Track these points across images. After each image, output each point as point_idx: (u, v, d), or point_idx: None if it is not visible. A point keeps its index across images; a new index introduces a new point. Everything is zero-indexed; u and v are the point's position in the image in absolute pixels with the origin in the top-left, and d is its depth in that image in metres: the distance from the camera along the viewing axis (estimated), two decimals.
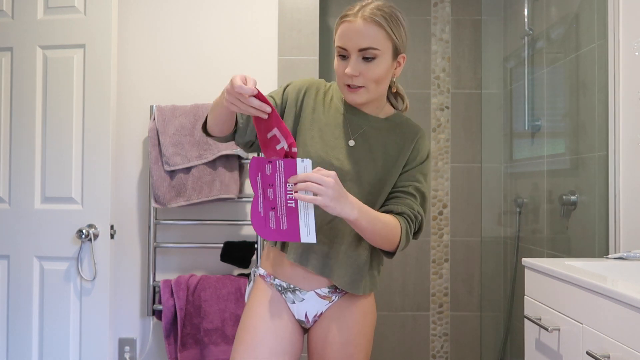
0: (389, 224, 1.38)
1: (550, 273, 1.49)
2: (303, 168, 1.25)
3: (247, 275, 2.40)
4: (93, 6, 2.14)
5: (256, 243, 2.38)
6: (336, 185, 1.25)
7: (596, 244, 2.07)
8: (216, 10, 2.50)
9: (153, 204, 2.35)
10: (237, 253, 2.35)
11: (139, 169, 2.48)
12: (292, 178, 1.24)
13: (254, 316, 1.46)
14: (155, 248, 2.41)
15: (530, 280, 1.63)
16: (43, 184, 2.17)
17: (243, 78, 1.22)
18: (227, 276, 2.36)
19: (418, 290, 3.21)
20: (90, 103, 2.13)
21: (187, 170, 2.33)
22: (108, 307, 2.11)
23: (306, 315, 1.48)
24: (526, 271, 1.66)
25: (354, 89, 1.41)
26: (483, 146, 3.17)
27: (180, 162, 2.32)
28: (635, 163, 1.88)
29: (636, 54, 1.87)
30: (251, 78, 1.23)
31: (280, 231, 1.29)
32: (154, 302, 2.39)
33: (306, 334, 1.54)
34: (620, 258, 1.64)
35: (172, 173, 2.34)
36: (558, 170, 2.42)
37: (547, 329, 1.44)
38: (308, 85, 1.52)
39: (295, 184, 1.24)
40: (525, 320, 1.62)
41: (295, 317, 1.49)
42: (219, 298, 2.31)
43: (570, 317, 1.38)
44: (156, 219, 2.41)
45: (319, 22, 2.50)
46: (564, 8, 2.39)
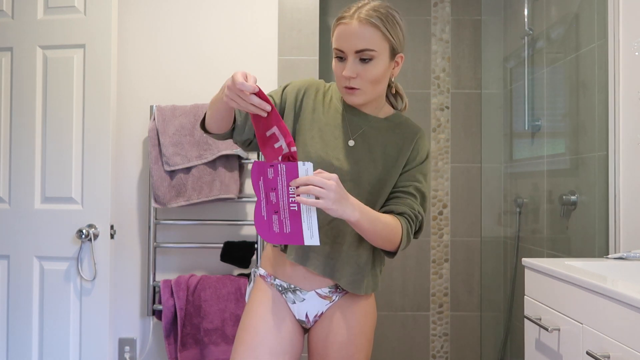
0: (390, 224, 1.38)
1: (550, 273, 1.49)
2: (305, 171, 1.25)
3: (247, 275, 2.40)
4: (93, 6, 2.14)
5: (256, 243, 2.38)
6: (338, 187, 1.25)
7: (596, 244, 2.07)
8: (216, 10, 2.50)
9: (153, 204, 2.35)
10: (237, 253, 2.35)
11: (139, 169, 2.48)
12: (294, 181, 1.24)
13: (254, 316, 1.46)
14: (155, 248, 2.41)
15: (530, 280, 1.63)
16: (43, 184, 2.17)
17: (244, 75, 1.22)
18: (227, 276, 2.37)
19: (418, 290, 3.21)
20: (90, 103, 2.13)
21: (187, 170, 2.33)
22: (108, 307, 2.11)
23: (307, 315, 1.48)
24: (526, 271, 1.66)
25: (352, 91, 1.41)
26: (483, 146, 3.17)
27: (180, 162, 2.32)
28: (635, 163, 1.88)
29: (636, 54, 1.87)
30: (252, 75, 1.23)
31: (283, 234, 1.30)
32: (154, 302, 2.39)
33: (306, 334, 1.54)
34: (620, 258, 1.64)
35: (172, 173, 2.34)
36: (558, 170, 2.42)
37: (547, 329, 1.44)
38: (307, 85, 1.52)
39: (297, 187, 1.24)
40: (525, 320, 1.62)
41: (295, 317, 1.49)
42: (219, 298, 2.31)
43: (570, 317, 1.38)
44: (156, 219, 2.42)
45: (319, 22, 2.50)
46: (564, 8, 2.39)
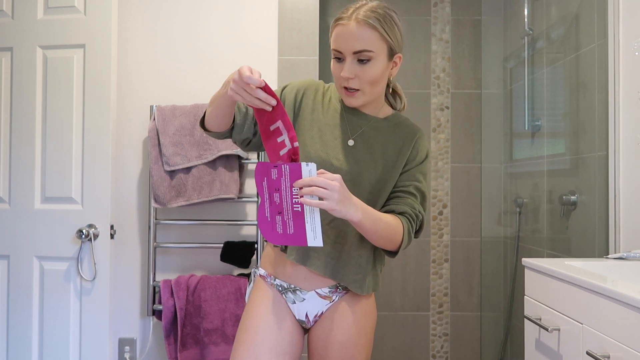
0: (391, 224, 1.38)
1: (550, 273, 1.49)
2: (308, 172, 1.25)
3: (247, 275, 2.40)
4: (93, 6, 2.14)
5: (256, 243, 2.38)
6: (341, 188, 1.25)
7: (596, 244, 2.07)
8: (216, 10, 2.50)
9: (153, 204, 2.35)
10: (237, 253, 2.35)
11: (139, 169, 2.48)
12: (297, 182, 1.24)
13: (254, 316, 1.46)
14: (155, 248, 2.41)
15: (530, 280, 1.63)
16: (43, 184, 2.17)
17: (250, 69, 1.23)
18: (227, 276, 2.36)
19: (418, 290, 3.21)
20: (90, 103, 2.13)
21: (187, 170, 2.33)
22: (108, 307, 2.11)
23: (307, 315, 1.48)
24: (526, 271, 1.66)
25: (351, 92, 1.41)
26: (483, 146, 3.17)
27: (180, 162, 2.32)
28: (635, 163, 1.88)
29: (636, 54, 1.87)
30: (257, 70, 1.24)
31: (287, 235, 1.30)
32: (154, 302, 2.39)
33: (306, 334, 1.54)
34: (620, 258, 1.64)
35: (172, 173, 2.34)
36: (558, 170, 2.42)
37: (547, 329, 1.44)
38: (306, 86, 1.53)
39: (300, 189, 1.24)
40: (525, 320, 1.62)
41: (295, 317, 1.49)
42: (219, 298, 2.31)
43: (570, 317, 1.38)
44: (156, 219, 2.42)
45: (319, 22, 2.50)
46: (564, 8, 2.39)
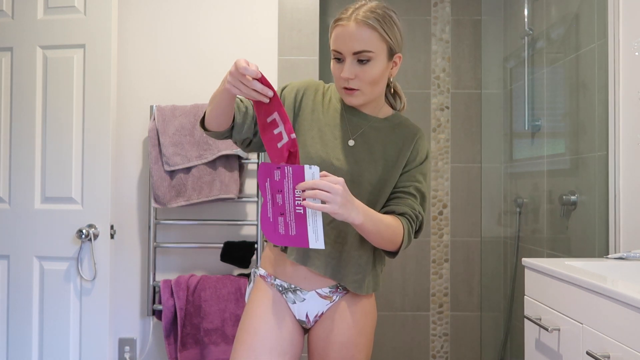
0: (392, 225, 1.38)
1: (550, 273, 1.49)
2: (311, 175, 1.25)
3: (247, 275, 2.40)
4: (93, 6, 2.14)
5: (256, 243, 2.38)
6: (344, 192, 1.25)
7: (596, 244, 2.07)
8: (216, 10, 2.50)
9: (153, 204, 2.35)
10: (237, 253, 2.35)
11: (139, 169, 2.48)
12: (300, 185, 1.24)
13: (254, 317, 1.46)
14: (155, 248, 2.41)
15: (530, 280, 1.63)
16: (43, 184, 2.17)
17: (246, 61, 1.23)
18: (227, 276, 2.36)
19: (418, 290, 3.21)
20: (90, 103, 2.13)
21: (187, 170, 2.33)
22: (108, 307, 2.11)
23: (307, 315, 1.48)
24: (526, 271, 1.66)
25: (351, 92, 1.42)
26: (483, 146, 3.17)
27: (180, 162, 2.32)
28: (635, 163, 1.88)
29: (636, 54, 1.87)
30: (253, 63, 1.24)
31: (289, 237, 1.30)
32: (154, 302, 2.39)
33: (306, 334, 1.54)
34: (620, 258, 1.64)
35: (172, 173, 2.34)
36: (558, 170, 2.42)
37: (547, 329, 1.44)
38: (306, 86, 1.53)
39: (303, 191, 1.24)
40: (525, 320, 1.62)
41: (295, 318, 1.49)
42: (219, 298, 2.31)
43: (570, 317, 1.38)
44: (156, 219, 2.42)
45: (319, 22, 2.50)
46: (564, 8, 2.39)
